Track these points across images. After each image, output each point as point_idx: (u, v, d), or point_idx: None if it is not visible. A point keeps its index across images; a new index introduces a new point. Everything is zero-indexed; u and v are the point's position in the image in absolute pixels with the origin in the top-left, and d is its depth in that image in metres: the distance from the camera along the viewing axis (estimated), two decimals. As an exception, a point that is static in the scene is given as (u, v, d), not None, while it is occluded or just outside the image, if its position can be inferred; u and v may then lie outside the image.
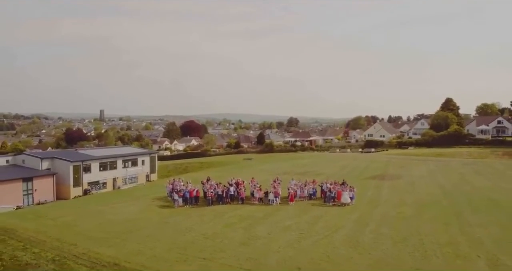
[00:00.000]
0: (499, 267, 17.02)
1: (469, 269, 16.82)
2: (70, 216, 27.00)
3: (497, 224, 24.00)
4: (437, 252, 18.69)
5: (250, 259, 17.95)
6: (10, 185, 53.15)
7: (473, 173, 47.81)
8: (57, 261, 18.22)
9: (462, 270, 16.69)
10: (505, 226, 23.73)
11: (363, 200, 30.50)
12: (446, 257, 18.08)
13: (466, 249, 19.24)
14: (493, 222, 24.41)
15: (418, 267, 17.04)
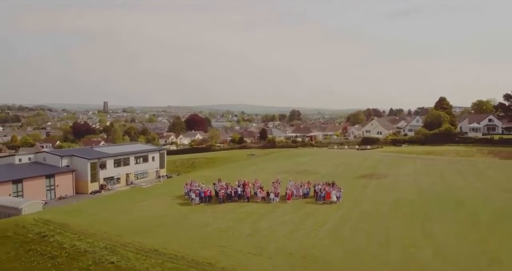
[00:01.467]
0: (441, 254, 22.94)
1: (418, 255, 22.78)
2: (106, 213, 33.12)
3: (456, 221, 29.85)
4: (397, 243, 24.67)
5: (255, 247, 23.98)
6: (35, 181, 59.34)
7: (453, 172, 53.61)
8: (109, 248, 24.31)
9: (412, 255, 22.65)
10: (462, 222, 29.59)
11: (349, 199, 36.47)
12: (403, 246, 24.04)
13: (421, 241, 25.20)
14: (453, 219, 30.28)
15: (381, 254, 23.01)
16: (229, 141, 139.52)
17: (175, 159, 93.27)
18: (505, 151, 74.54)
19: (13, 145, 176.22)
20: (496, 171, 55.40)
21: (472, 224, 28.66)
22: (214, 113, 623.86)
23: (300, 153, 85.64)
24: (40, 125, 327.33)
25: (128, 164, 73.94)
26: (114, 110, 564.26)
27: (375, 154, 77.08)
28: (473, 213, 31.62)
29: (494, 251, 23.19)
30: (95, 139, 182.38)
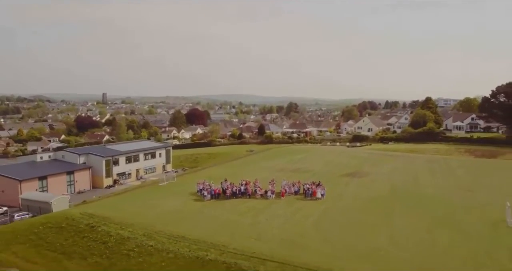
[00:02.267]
0: (394, 240, 31.27)
1: (375, 240, 31.11)
2: (136, 208, 41.33)
3: (414, 215, 38.17)
4: (361, 231, 33.05)
5: (256, 234, 32.33)
6: (58, 178, 67.77)
7: (426, 171, 62.03)
8: (147, 235, 32.59)
9: (368, 240, 30.99)
10: (418, 216, 37.90)
11: (332, 195, 44.81)
12: (365, 234, 32.40)
13: (380, 229, 33.56)
14: (412, 213, 38.61)
15: (348, 240, 31.34)
16: (228, 135, 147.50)
17: (179, 154, 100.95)
18: (481, 150, 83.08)
19: (19, 139, 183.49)
20: (465, 170, 63.86)
21: (426, 218, 37.02)
22: (212, 104, 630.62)
23: (295, 149, 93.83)
24: (41, 117, 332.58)
25: (138, 160, 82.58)
26: (113, 102, 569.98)
27: (362, 152, 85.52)
28: (430, 208, 39.98)
29: (436, 239, 31.56)
30: (99, 132, 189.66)
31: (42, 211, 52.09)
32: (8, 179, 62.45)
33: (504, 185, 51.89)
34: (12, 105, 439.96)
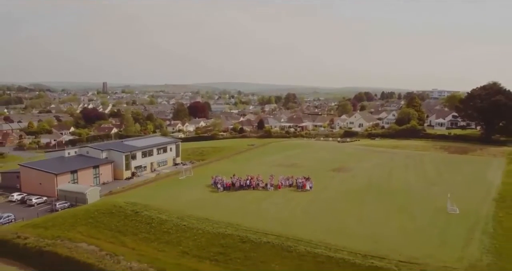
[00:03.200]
0: (360, 221, 43.56)
1: (345, 221, 43.38)
2: (166, 197, 53.53)
3: (380, 204, 50.36)
4: (337, 215, 45.35)
5: (259, 217, 44.64)
6: (86, 171, 79.81)
7: (401, 167, 74.28)
8: (180, 218, 44.86)
9: (342, 221, 43.25)
10: (384, 204, 50.02)
11: (318, 187, 57.05)
12: (339, 217, 44.69)
13: (352, 214, 45.84)
14: (379, 203, 50.79)
15: (326, 220, 43.59)
16: (230, 129, 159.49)
17: (186, 148, 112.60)
18: (454, 147, 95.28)
19: (30, 131, 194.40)
20: (435, 166, 76.04)
21: (387, 206, 49.34)
22: (211, 93, 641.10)
23: (291, 145, 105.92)
24: (44, 108, 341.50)
25: (152, 154, 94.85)
26: (113, 91, 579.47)
27: (351, 147, 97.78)
28: (393, 199, 52.24)
29: (390, 220, 43.85)
30: (106, 125, 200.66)
31: (78, 200, 64.27)
32: (45, 173, 74.35)
33: (462, 179, 64.33)
34: (14, 95, 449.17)
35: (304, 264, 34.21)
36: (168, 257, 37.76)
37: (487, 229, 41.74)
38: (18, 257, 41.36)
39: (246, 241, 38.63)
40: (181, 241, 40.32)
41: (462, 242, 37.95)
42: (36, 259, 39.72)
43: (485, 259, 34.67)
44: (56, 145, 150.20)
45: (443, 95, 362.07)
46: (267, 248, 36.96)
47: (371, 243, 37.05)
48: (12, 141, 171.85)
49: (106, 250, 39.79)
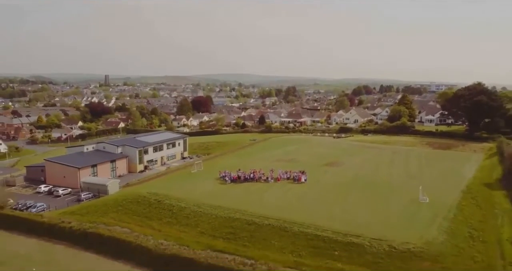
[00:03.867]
0: (344, 210, 53.24)
1: (332, 208, 53.06)
2: (182, 189, 63.18)
3: (363, 195, 59.91)
4: (326, 204, 55.03)
5: (262, 204, 54.40)
6: (104, 165, 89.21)
7: (388, 161, 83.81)
8: (196, 205, 54.59)
9: (329, 209, 52.92)
10: (366, 195, 59.60)
11: (311, 180, 66.64)
12: (327, 205, 54.37)
13: (338, 203, 55.49)
14: (361, 193, 60.35)
15: (316, 207, 53.28)
16: (233, 124, 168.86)
17: (192, 142, 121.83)
18: (439, 142, 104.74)
19: (39, 125, 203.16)
20: (418, 160, 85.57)
21: (369, 196, 58.96)
22: (212, 85, 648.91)
23: (290, 140, 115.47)
24: (49, 101, 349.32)
25: (162, 149, 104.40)
26: (115, 84, 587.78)
27: (344, 143, 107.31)
28: (375, 190, 61.74)
29: (369, 208, 53.45)
30: (113, 119, 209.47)
31: (100, 191, 73.91)
32: (68, 167, 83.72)
33: (439, 173, 73.89)
34: (17, 88, 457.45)
35: (297, 241, 43.98)
36: (188, 236, 47.53)
37: (449, 215, 51.40)
38: (65, 238, 50.97)
39: (251, 223, 48.38)
40: (199, 224, 50.09)
41: (425, 225, 47.62)
42: (81, 239, 49.34)
43: (440, 238, 44.36)
44: (68, 138, 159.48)
45: (440, 89, 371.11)
46: (268, 229, 46.73)
47: (351, 225, 46.73)
48: (24, 135, 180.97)
49: (137, 232, 49.54)
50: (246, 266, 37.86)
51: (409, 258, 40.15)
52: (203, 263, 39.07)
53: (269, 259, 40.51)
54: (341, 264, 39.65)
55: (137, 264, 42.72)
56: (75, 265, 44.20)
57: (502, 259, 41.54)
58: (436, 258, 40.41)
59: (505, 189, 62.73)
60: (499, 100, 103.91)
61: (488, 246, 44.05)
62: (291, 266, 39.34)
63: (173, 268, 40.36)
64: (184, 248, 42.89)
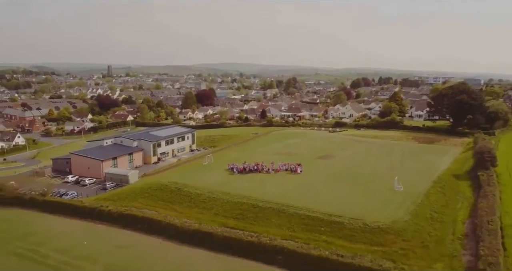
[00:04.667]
0: (334, 196, 65.55)
1: (323, 195, 65.38)
2: (197, 178, 75.47)
3: (348, 184, 72.15)
4: (318, 191, 67.38)
5: (264, 191, 66.79)
6: (123, 157, 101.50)
7: (374, 154, 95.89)
8: (210, 192, 66.98)
9: (319, 196, 65.22)
10: (351, 184, 71.83)
11: (307, 171, 78.89)
12: (319, 192, 66.71)
13: (328, 191, 67.82)
14: (348, 183, 72.59)
15: (310, 194, 65.58)
16: (236, 117, 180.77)
17: (199, 135, 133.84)
18: (424, 137, 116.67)
19: (50, 118, 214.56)
20: (401, 154, 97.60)
21: (353, 185, 71.24)
22: (213, 75, 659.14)
23: (289, 134, 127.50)
24: (55, 93, 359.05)
25: (173, 142, 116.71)
26: (118, 74, 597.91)
27: (338, 137, 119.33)
28: (358, 180, 73.92)
29: (352, 195, 65.77)
30: (121, 112, 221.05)
31: (122, 181, 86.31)
32: (92, 159, 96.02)
33: (417, 165, 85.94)
34: (22, 79, 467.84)
35: (292, 220, 56.40)
36: (205, 217, 59.98)
37: (416, 200, 63.61)
38: (104, 219, 63.24)
39: (255, 206, 60.79)
40: (213, 207, 62.55)
41: (395, 208, 59.93)
42: (118, 220, 61.60)
43: (405, 218, 56.66)
44: (82, 131, 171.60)
45: (438, 81, 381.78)
46: (269, 211, 59.14)
47: (335, 208, 59.04)
48: (38, 127, 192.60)
49: (164, 213, 61.95)
50: (252, 238, 50.20)
51: (378, 233, 52.53)
52: (220, 235, 51.51)
53: (270, 233, 52.86)
54: (325, 237, 52.02)
55: (166, 238, 55.15)
56: (117, 240, 56.58)
57: (453, 234, 53.80)
58: (399, 233, 52.76)
59: (471, 180, 74.87)
60: (479, 99, 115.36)
61: (443, 225, 56.36)
62: (287, 238, 51.65)
63: (195, 240, 52.78)
64: (203, 225, 55.27)
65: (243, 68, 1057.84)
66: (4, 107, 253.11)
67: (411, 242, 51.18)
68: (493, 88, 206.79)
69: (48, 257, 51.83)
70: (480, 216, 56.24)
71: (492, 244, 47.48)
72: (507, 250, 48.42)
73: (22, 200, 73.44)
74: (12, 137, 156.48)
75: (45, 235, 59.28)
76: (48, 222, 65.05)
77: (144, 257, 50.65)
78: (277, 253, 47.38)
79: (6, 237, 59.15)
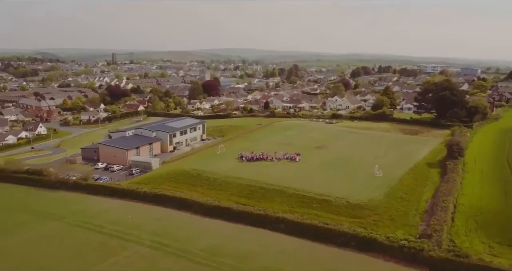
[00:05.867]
0: (324, 180, 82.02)
1: (316, 179, 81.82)
2: (213, 165, 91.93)
3: (339, 170, 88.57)
4: (313, 176, 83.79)
5: (268, 175, 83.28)
6: (144, 147, 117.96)
7: (365, 145, 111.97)
8: (225, 177, 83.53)
9: (315, 179, 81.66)
10: (341, 171, 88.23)
11: (304, 160, 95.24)
12: (313, 177, 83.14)
13: (320, 175, 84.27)
14: (338, 170, 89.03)
15: (305, 179, 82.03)
16: (241, 107, 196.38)
17: (208, 126, 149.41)
18: (409, 129, 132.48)
19: (65, 107, 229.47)
20: (388, 144, 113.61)
21: (343, 171, 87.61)
22: (216, 62, 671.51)
23: (289, 125, 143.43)
24: (63, 81, 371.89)
25: (186, 133, 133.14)
26: (122, 61, 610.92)
27: (334, 128, 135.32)
28: (347, 167, 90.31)
29: (340, 180, 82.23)
30: (132, 101, 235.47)
31: (145, 167, 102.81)
32: (118, 149, 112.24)
33: (399, 154, 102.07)
34: (29, 67, 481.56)
35: (291, 198, 72.96)
36: (223, 196, 76.55)
37: (391, 184, 79.97)
38: (140, 198, 79.64)
39: (262, 188, 77.38)
40: (228, 189, 79.17)
41: (372, 190, 76.31)
42: (153, 199, 77.71)
43: (379, 197, 73.14)
44: (99, 120, 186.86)
45: (435, 70, 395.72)
46: (273, 192, 75.72)
47: (325, 190, 75.46)
48: (55, 117, 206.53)
49: (189, 194, 78.52)
50: (260, 211, 66.87)
51: (357, 208, 69.10)
52: (235, 210, 68.28)
53: (274, 208, 69.40)
54: (317, 211, 68.62)
55: (193, 212, 71.77)
56: (154, 214, 73.13)
57: (416, 210, 70.31)
58: (373, 208, 69.31)
59: (441, 168, 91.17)
60: (460, 95, 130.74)
61: (410, 203, 72.86)
62: (287, 212, 68.18)
63: (216, 214, 69.40)
64: (222, 202, 71.98)
65: (245, 54, 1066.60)
66: (19, 97, 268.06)
67: (381, 215, 67.77)
68: (482, 81, 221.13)
69: (102, 227, 68.38)
70: (439, 196, 72.95)
71: (441, 217, 64.09)
72: (454, 221, 65.18)
73: (66, 184, 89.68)
74: (35, 127, 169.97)
75: (94, 211, 75.87)
76: (93, 201, 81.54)
77: (178, 226, 67.48)
78: (279, 223, 64.11)
79: (63, 213, 75.69)
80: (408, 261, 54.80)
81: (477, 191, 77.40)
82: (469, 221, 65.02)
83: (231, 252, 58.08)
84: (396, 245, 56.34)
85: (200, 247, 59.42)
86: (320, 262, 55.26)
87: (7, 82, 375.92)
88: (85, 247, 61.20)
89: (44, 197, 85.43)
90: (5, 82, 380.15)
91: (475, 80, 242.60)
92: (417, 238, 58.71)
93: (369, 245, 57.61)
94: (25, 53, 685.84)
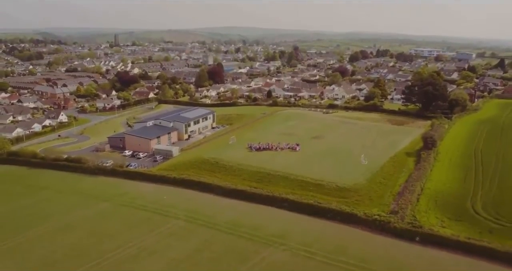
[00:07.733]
0: (317, 168, 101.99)
1: (311, 166, 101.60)
2: (226, 154, 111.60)
3: (332, 158, 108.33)
4: (309, 163, 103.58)
5: (274, 163, 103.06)
6: (164, 136, 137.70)
7: (356, 134, 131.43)
8: (238, 164, 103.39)
9: (312, 166, 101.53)
10: (334, 159, 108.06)
11: (303, 149, 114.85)
12: (309, 164, 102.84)
13: (316, 164, 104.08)
14: (331, 157, 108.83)
15: (304, 166, 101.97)
16: (245, 96, 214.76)
17: (216, 114, 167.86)
18: (396, 120, 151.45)
19: (78, 94, 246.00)
20: (376, 134, 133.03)
21: (335, 160, 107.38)
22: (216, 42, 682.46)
23: (290, 115, 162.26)
24: (70, 66, 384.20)
25: (199, 122, 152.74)
26: (124, 43, 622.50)
27: (330, 119, 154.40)
28: (338, 156, 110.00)
29: (332, 167, 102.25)
30: (141, 88, 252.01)
31: (167, 155, 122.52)
32: (142, 138, 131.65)
33: (384, 144, 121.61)
34: (33, 50, 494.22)
35: (292, 183, 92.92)
36: (237, 181, 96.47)
37: (373, 171, 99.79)
38: (170, 183, 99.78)
39: (269, 174, 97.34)
40: (241, 174, 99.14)
41: (357, 176, 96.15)
42: (181, 183, 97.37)
43: (363, 182, 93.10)
44: (115, 108, 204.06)
45: (432, 55, 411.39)
46: (278, 177, 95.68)
47: (320, 175, 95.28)
48: (72, 104, 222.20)
49: (210, 179, 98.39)
50: (268, 193, 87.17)
51: (344, 191, 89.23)
52: (248, 191, 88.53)
53: (278, 191, 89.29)
54: (312, 193, 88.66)
55: (215, 194, 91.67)
56: (184, 195, 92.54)
57: (390, 193, 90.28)
58: (357, 191, 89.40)
59: (416, 157, 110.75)
60: (441, 90, 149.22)
61: (386, 187, 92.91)
62: (289, 194, 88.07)
63: (233, 195, 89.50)
64: (238, 186, 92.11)
65: (245, 32, 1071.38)
66: (31, 84, 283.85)
67: (363, 196, 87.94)
68: (468, 72, 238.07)
69: (145, 206, 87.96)
70: (410, 181, 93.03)
71: (408, 198, 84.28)
72: (418, 201, 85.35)
73: (104, 170, 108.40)
74: (57, 114, 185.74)
75: (135, 193, 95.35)
76: (131, 185, 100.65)
77: (204, 204, 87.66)
78: (284, 202, 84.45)
79: (106, 195, 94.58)
80: (379, 231, 75.12)
81: (443, 177, 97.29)
82: (430, 201, 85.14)
83: (247, 223, 78.43)
84: (370, 219, 76.70)
85: (223, 220, 79.71)
86: (314, 231, 75.70)
87: (13, 66, 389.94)
88: (135, 221, 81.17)
89: (87, 182, 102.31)
90: (12, 66, 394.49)
91: (465, 69, 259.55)
92: (388, 214, 79.02)
93: (350, 219, 77.99)
94: (25, 33, 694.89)
